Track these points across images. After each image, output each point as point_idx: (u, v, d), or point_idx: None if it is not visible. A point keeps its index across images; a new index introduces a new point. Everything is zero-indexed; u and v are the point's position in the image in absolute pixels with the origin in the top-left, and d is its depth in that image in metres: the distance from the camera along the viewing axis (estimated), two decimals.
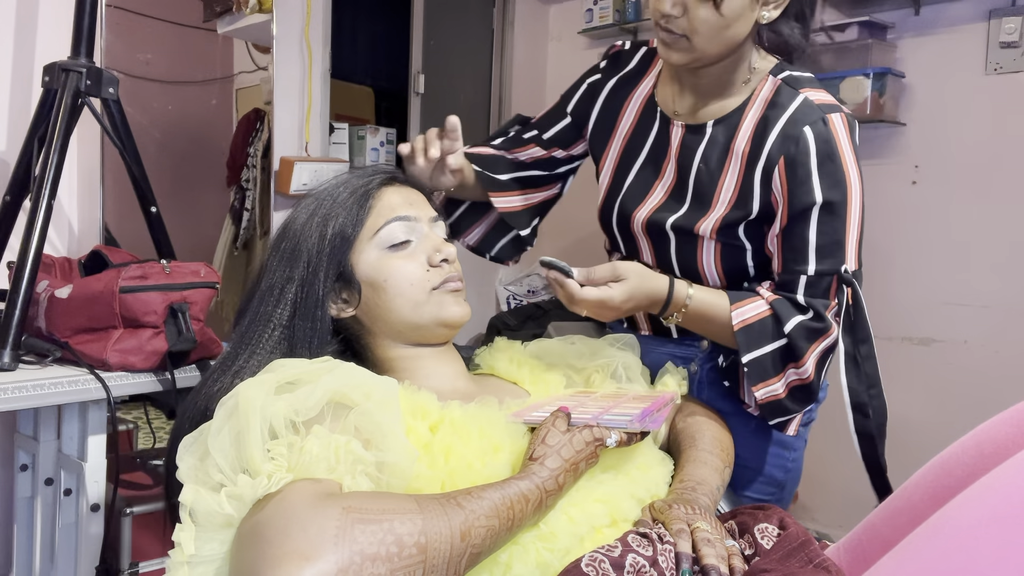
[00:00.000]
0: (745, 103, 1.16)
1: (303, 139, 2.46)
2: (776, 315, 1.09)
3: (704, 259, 1.20)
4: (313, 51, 2.45)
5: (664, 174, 1.23)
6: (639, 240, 1.26)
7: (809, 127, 1.09)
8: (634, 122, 1.27)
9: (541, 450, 0.81)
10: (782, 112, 1.11)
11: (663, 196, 1.22)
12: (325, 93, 2.55)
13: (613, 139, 1.29)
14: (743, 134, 1.14)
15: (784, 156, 1.09)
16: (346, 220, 0.98)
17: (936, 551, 0.64)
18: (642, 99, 1.27)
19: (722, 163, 1.16)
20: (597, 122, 1.31)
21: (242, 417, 0.73)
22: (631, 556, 0.73)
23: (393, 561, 0.65)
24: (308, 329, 0.96)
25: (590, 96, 1.32)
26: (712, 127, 1.18)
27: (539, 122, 1.37)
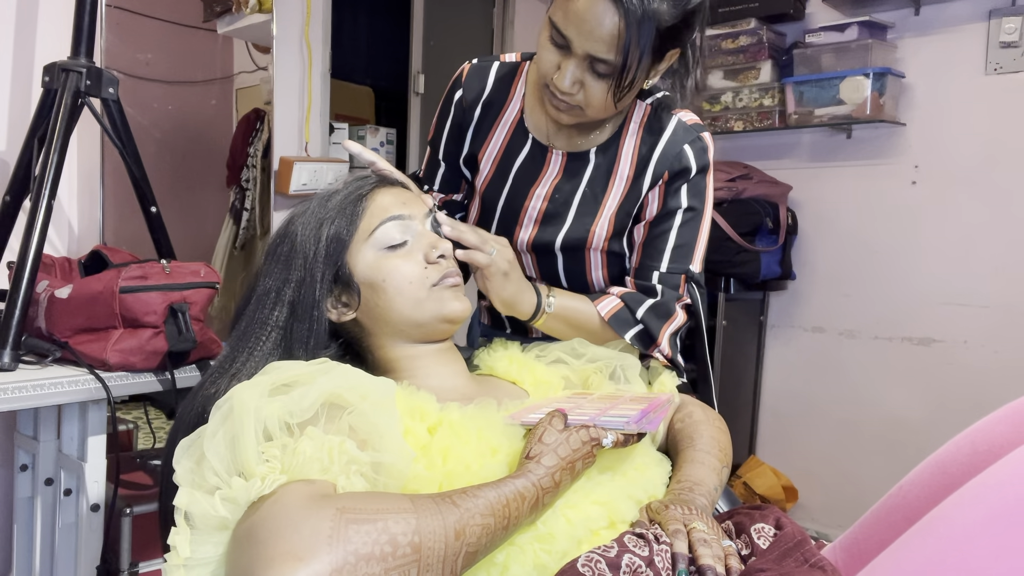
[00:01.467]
0: (620, 128, 1.23)
1: (303, 139, 2.46)
2: (627, 306, 1.20)
3: (593, 270, 1.26)
4: (313, 51, 2.45)
5: (534, 195, 1.24)
6: (522, 256, 1.29)
7: (688, 146, 1.19)
8: (503, 145, 1.27)
9: (538, 448, 0.81)
10: (661, 135, 1.20)
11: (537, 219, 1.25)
12: (325, 93, 2.55)
13: (482, 158, 1.28)
14: (625, 157, 1.22)
15: (668, 171, 1.19)
16: (341, 223, 0.99)
17: (932, 550, 0.64)
18: (511, 122, 1.27)
19: (606, 184, 1.22)
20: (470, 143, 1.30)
21: (237, 419, 0.74)
22: (627, 556, 0.73)
23: (387, 561, 0.65)
24: (305, 331, 0.96)
25: (456, 133, 1.30)
26: (595, 154, 1.23)
27: (425, 174, 1.37)
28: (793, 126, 2.69)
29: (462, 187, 1.36)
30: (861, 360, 2.72)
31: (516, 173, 1.26)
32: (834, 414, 2.78)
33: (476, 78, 1.28)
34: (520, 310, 1.14)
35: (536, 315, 1.15)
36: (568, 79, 1.08)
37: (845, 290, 2.75)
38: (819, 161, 2.79)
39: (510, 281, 1.11)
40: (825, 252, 2.79)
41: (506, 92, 1.27)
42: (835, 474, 2.77)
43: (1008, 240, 2.42)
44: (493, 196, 1.28)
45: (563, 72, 1.08)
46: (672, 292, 1.20)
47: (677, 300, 1.21)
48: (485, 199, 1.29)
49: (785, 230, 2.69)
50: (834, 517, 2.77)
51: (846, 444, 2.75)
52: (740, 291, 2.75)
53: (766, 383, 2.94)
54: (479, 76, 1.28)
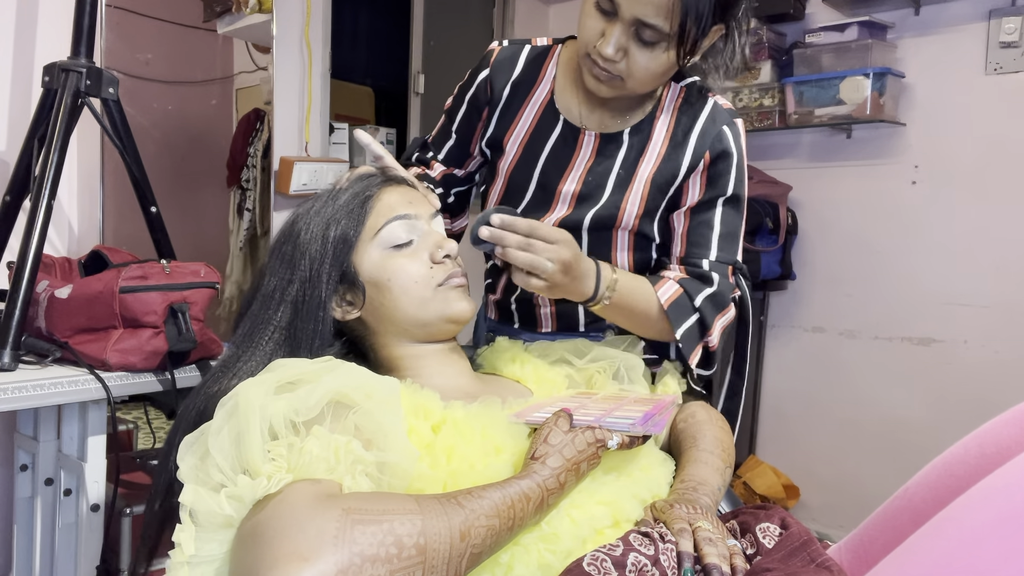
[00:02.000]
0: (654, 110, 1.22)
1: (303, 139, 2.46)
2: (687, 292, 1.16)
3: (618, 253, 1.24)
4: (313, 51, 2.45)
5: (567, 179, 1.23)
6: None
7: (727, 127, 1.18)
8: (532, 124, 1.25)
9: (543, 449, 0.81)
10: (698, 114, 1.20)
11: (571, 201, 1.23)
12: (325, 93, 2.55)
13: (508, 141, 1.26)
14: (657, 138, 1.21)
15: (710, 151, 1.18)
16: (347, 223, 0.98)
17: (939, 552, 0.64)
18: (540, 104, 1.25)
19: (636, 165, 1.21)
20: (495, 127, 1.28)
21: (242, 417, 0.73)
22: (633, 555, 0.73)
23: (392, 562, 0.64)
24: (310, 331, 0.96)
25: (475, 110, 1.30)
26: (628, 136, 1.22)
27: (434, 141, 1.36)
28: (793, 126, 2.69)
29: (466, 164, 1.35)
30: (861, 360, 2.72)
31: (548, 155, 1.24)
32: (834, 414, 2.78)
33: (506, 60, 1.27)
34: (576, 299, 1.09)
35: (594, 300, 1.10)
36: (612, 45, 1.06)
37: (845, 290, 2.76)
38: (819, 161, 2.79)
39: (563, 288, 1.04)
40: (825, 252, 2.79)
41: (536, 73, 1.26)
42: (835, 474, 2.77)
43: (1008, 240, 2.42)
44: (522, 178, 1.26)
45: (607, 38, 1.06)
46: (727, 282, 1.18)
47: (731, 291, 1.19)
48: (513, 180, 1.27)
49: (785, 230, 2.69)
50: (834, 517, 2.77)
51: (846, 444, 2.75)
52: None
53: (766, 383, 2.94)
54: (509, 58, 1.27)
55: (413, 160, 1.38)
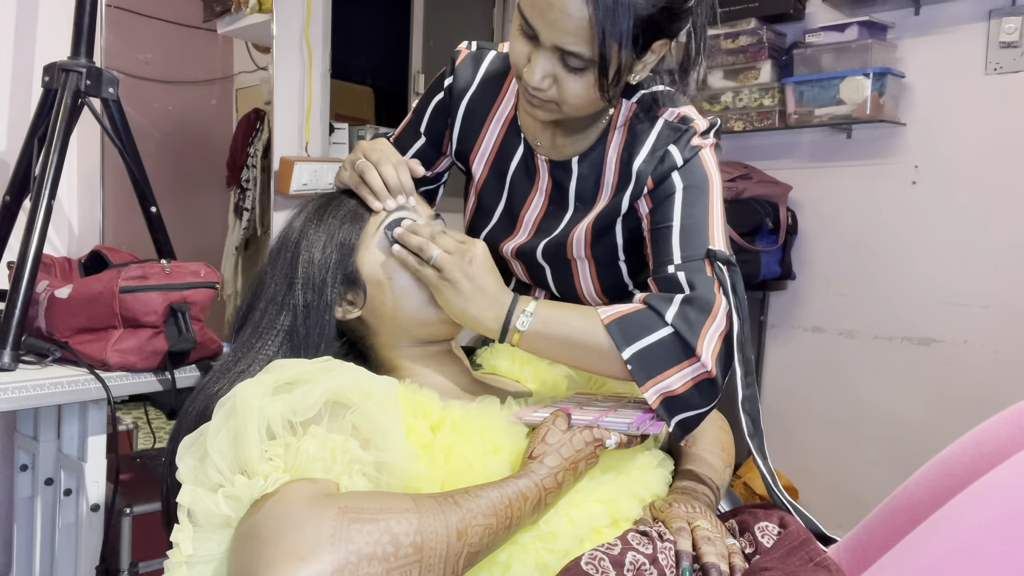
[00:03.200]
0: (605, 133, 1.12)
1: (303, 139, 2.46)
2: (652, 308, 0.98)
3: (582, 280, 1.18)
4: (313, 51, 2.45)
5: (530, 205, 1.18)
6: (511, 263, 1.25)
7: (673, 145, 1.07)
8: (496, 145, 1.20)
9: (541, 448, 0.81)
10: (644, 137, 1.09)
11: (531, 229, 1.19)
12: (325, 93, 2.55)
13: (474, 160, 1.22)
14: (609, 165, 1.12)
15: (651, 176, 1.07)
16: (350, 227, 0.99)
17: (937, 551, 0.64)
18: (504, 121, 1.19)
19: (594, 195, 1.14)
20: (459, 142, 1.23)
21: (240, 417, 0.74)
22: (631, 554, 0.73)
23: (389, 561, 0.65)
24: (316, 334, 0.96)
25: (441, 114, 1.24)
26: (577, 164, 1.14)
27: (398, 140, 1.29)
28: (793, 126, 2.68)
29: (435, 164, 1.29)
30: (861, 360, 2.72)
31: (512, 177, 1.19)
32: (834, 414, 2.78)
33: (468, 69, 1.21)
34: (482, 327, 0.97)
35: (504, 336, 0.97)
36: (538, 73, 0.97)
37: (845, 290, 2.75)
38: (819, 161, 2.79)
39: (460, 294, 0.95)
40: (825, 252, 2.79)
41: (497, 89, 1.19)
42: (834, 474, 2.77)
43: (1008, 240, 2.42)
44: (491, 201, 1.22)
45: (532, 65, 0.97)
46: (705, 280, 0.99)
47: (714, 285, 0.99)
48: (481, 202, 1.24)
49: (785, 230, 2.69)
50: (833, 517, 2.76)
51: (845, 444, 2.75)
52: None
53: (766, 383, 2.94)
54: (471, 67, 1.21)
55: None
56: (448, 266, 0.95)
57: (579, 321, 0.97)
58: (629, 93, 1.12)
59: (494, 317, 0.96)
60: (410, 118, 1.29)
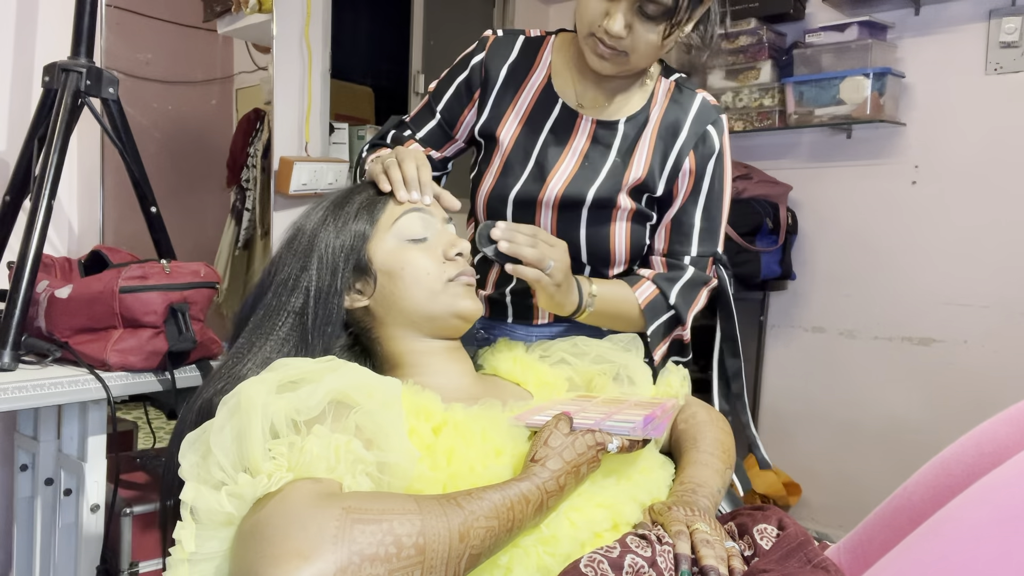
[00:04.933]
0: (648, 101, 1.27)
1: (303, 139, 2.46)
2: (662, 292, 1.24)
3: (617, 235, 1.27)
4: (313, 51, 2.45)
5: (566, 157, 1.26)
6: (542, 217, 1.27)
7: (712, 126, 1.24)
8: (530, 107, 1.28)
9: (543, 452, 0.81)
10: (687, 111, 1.25)
11: (567, 179, 1.25)
12: (325, 93, 2.55)
13: (503, 127, 1.28)
14: (650, 129, 1.25)
15: (693, 151, 1.24)
16: (366, 216, 1.01)
17: (937, 551, 0.64)
18: (537, 87, 1.28)
19: (631, 154, 1.25)
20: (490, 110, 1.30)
21: (244, 415, 0.74)
22: (630, 557, 0.73)
23: (391, 562, 0.65)
24: (323, 318, 0.97)
25: (463, 94, 1.31)
26: (624, 124, 1.26)
27: (413, 120, 1.36)
28: (793, 126, 2.69)
29: (444, 147, 1.36)
30: (861, 360, 2.72)
31: (546, 135, 1.26)
32: (834, 414, 2.78)
33: (502, 46, 1.30)
34: (564, 311, 1.14)
35: (578, 312, 1.15)
36: (619, 22, 1.10)
37: (845, 290, 2.76)
38: (819, 161, 2.79)
39: (560, 290, 1.08)
40: (825, 252, 2.79)
41: (532, 59, 1.30)
42: (835, 474, 2.77)
43: (1008, 240, 2.42)
44: (519, 156, 1.27)
45: (613, 16, 1.10)
46: (701, 274, 1.26)
47: (705, 284, 1.27)
48: (510, 160, 1.27)
49: (785, 230, 2.69)
50: (834, 517, 2.77)
51: (846, 444, 2.75)
52: (740, 291, 2.74)
53: (766, 383, 2.94)
54: (505, 44, 1.30)
55: (388, 139, 1.37)
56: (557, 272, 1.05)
57: (625, 305, 1.22)
58: (667, 73, 1.29)
59: (572, 302, 1.13)
60: (427, 99, 1.36)
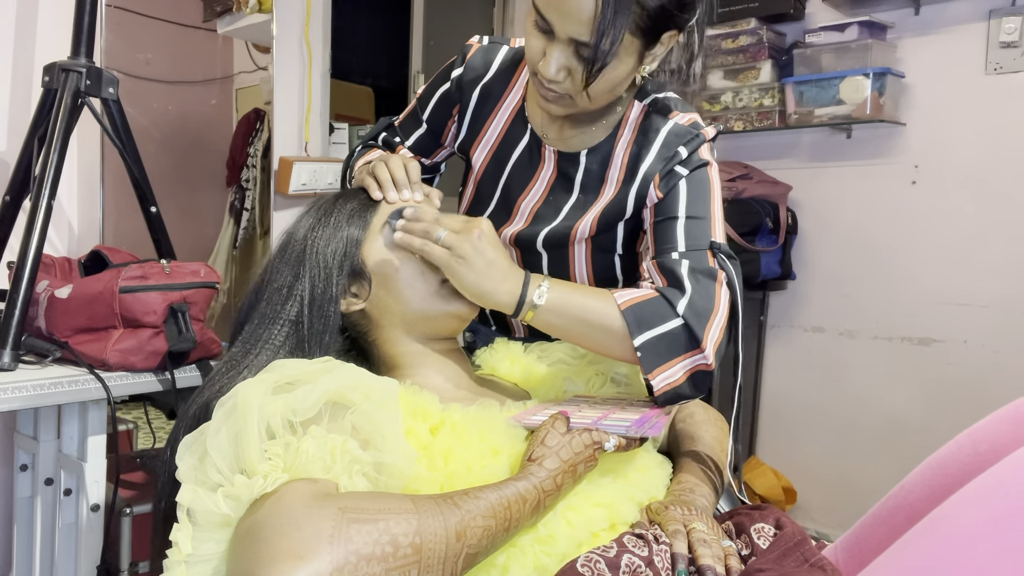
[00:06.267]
0: (615, 130, 1.16)
1: (303, 139, 2.46)
2: (665, 297, 1.00)
3: (576, 265, 1.21)
4: (313, 51, 2.45)
5: (532, 187, 1.21)
6: (508, 249, 1.25)
7: (683, 147, 1.10)
8: (502, 133, 1.23)
9: (540, 451, 0.81)
10: (655, 137, 1.13)
11: (528, 216, 1.21)
12: (325, 93, 2.55)
13: (476, 149, 1.25)
14: (616, 161, 1.15)
15: (659, 173, 1.11)
16: (359, 220, 1.00)
17: (934, 550, 0.64)
18: (511, 110, 1.22)
19: (598, 188, 1.17)
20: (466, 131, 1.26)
21: (240, 417, 0.74)
22: (627, 556, 0.73)
23: (388, 561, 0.65)
24: (320, 325, 0.96)
25: (444, 105, 1.28)
26: (585, 157, 1.17)
27: (402, 126, 1.34)
28: (793, 126, 2.68)
29: (434, 154, 1.33)
30: (861, 360, 2.72)
31: (513, 164, 1.22)
32: (834, 414, 2.78)
33: (480, 60, 1.24)
34: (496, 301, 0.97)
35: (519, 310, 0.98)
36: (553, 66, 1.00)
37: (845, 290, 2.75)
38: (819, 161, 2.79)
39: (473, 268, 0.95)
40: (825, 252, 2.79)
41: (507, 80, 1.23)
42: (834, 474, 2.77)
43: (1008, 240, 2.42)
44: (488, 188, 1.25)
45: (548, 59, 1.01)
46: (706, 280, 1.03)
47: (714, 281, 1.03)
48: (480, 189, 1.26)
49: (785, 230, 2.69)
50: (833, 517, 2.77)
51: (846, 443, 2.75)
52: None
53: (766, 383, 2.94)
54: (483, 58, 1.24)
55: (379, 141, 1.36)
56: (457, 243, 0.95)
57: (595, 301, 0.99)
58: (641, 95, 1.16)
59: (509, 291, 0.97)
60: (413, 105, 1.33)
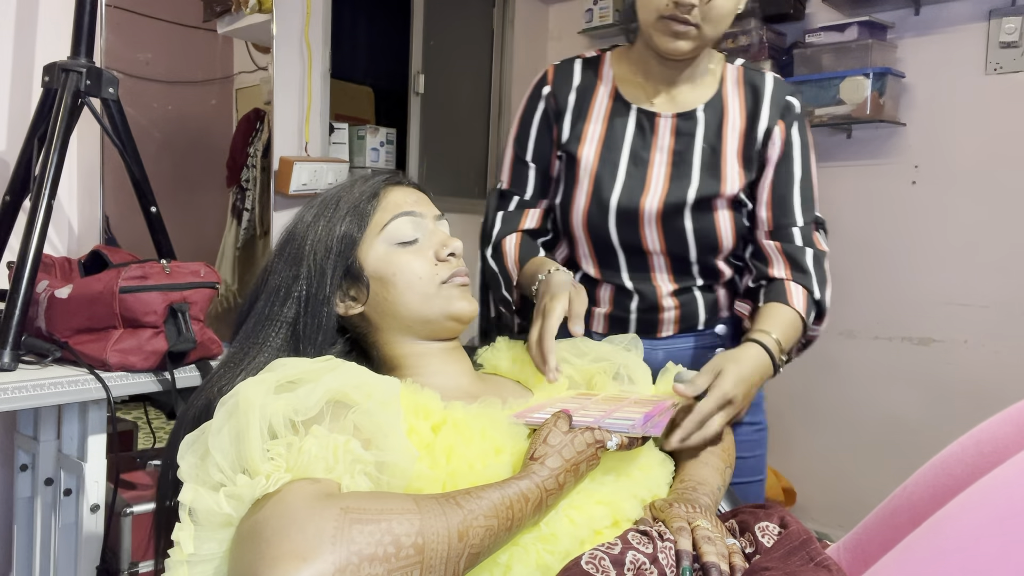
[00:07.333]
0: (720, 86, 1.30)
1: (303, 139, 2.46)
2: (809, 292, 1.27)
3: (722, 227, 1.28)
4: (313, 51, 2.45)
5: (654, 163, 1.27)
6: (646, 230, 1.27)
7: (791, 96, 1.28)
8: (605, 121, 1.30)
9: (542, 450, 0.81)
10: (763, 88, 1.28)
11: (664, 182, 1.26)
12: (325, 93, 2.55)
13: (584, 142, 1.29)
14: (732, 112, 1.28)
15: (782, 119, 1.27)
16: (353, 219, 0.99)
17: (937, 551, 0.64)
18: (607, 99, 1.31)
19: (720, 139, 1.27)
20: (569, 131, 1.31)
21: (242, 416, 0.73)
22: (631, 553, 0.73)
23: (390, 561, 0.65)
24: (314, 326, 0.96)
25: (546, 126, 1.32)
26: (702, 112, 1.28)
27: (513, 183, 1.36)
28: None
29: (551, 191, 1.35)
30: (861, 360, 2.72)
31: (630, 143, 1.28)
32: (834, 414, 2.78)
33: (563, 72, 1.34)
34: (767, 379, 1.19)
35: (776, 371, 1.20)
36: None
37: (845, 290, 2.75)
38: (819, 161, 2.77)
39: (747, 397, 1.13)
40: None
41: (594, 77, 1.32)
42: (834, 474, 2.77)
43: (1008, 240, 2.42)
44: (609, 167, 1.28)
45: None
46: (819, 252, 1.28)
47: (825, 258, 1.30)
48: (600, 175, 1.28)
49: None
50: (833, 517, 2.77)
51: (846, 444, 2.75)
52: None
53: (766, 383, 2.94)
54: (566, 71, 1.34)
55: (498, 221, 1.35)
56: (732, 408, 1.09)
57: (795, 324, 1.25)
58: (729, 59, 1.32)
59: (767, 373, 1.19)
60: (513, 154, 1.36)
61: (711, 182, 1.25)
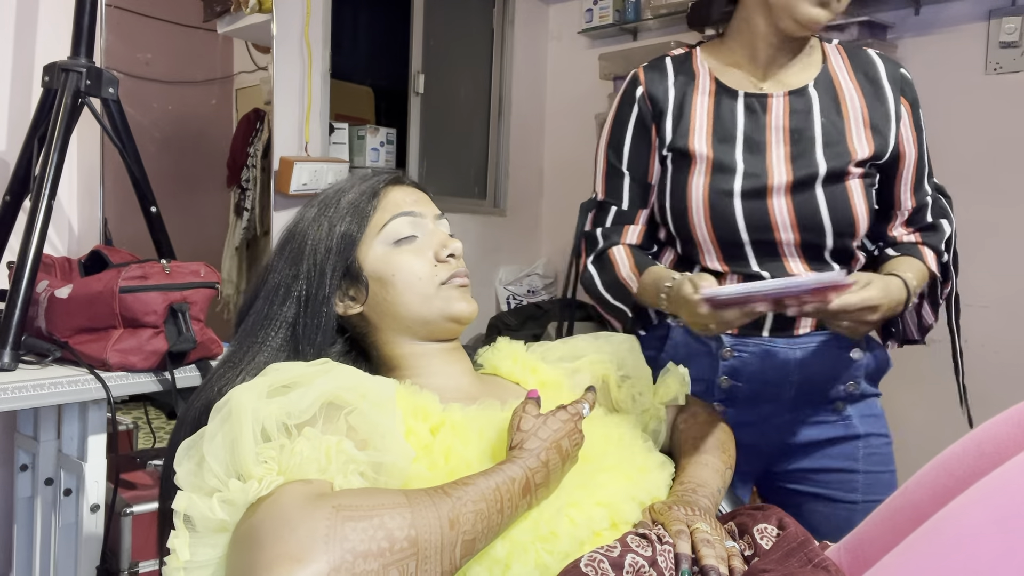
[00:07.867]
0: (824, 66, 1.28)
1: (303, 139, 2.46)
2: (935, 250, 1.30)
3: (856, 202, 1.23)
4: (313, 51, 2.46)
5: (770, 143, 1.24)
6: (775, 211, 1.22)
7: (904, 71, 1.28)
8: (710, 112, 1.26)
9: (518, 437, 0.83)
10: (872, 62, 1.28)
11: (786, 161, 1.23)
12: (325, 93, 2.55)
13: (693, 135, 1.25)
14: (845, 85, 1.27)
15: (904, 96, 1.26)
16: (353, 218, 0.99)
17: (938, 552, 0.64)
18: (708, 91, 1.28)
19: (839, 113, 1.25)
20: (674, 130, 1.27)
21: (235, 421, 0.74)
22: (630, 556, 0.73)
23: (385, 556, 0.65)
24: (314, 327, 0.96)
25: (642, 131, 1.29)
26: (814, 88, 1.26)
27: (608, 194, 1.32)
28: None
29: (648, 200, 1.31)
30: None
31: (743, 129, 1.25)
32: None
33: (655, 71, 1.30)
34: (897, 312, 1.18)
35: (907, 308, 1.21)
36: None
37: None
38: None
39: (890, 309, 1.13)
40: None
41: (690, 71, 1.30)
42: None
43: (1008, 240, 2.42)
44: (727, 159, 1.23)
45: None
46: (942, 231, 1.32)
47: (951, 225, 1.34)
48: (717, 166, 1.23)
49: None
50: None
51: None
52: None
53: None
54: (658, 69, 1.30)
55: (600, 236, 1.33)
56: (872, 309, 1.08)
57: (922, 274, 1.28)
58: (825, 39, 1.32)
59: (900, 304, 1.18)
60: (606, 162, 1.32)
61: (840, 152, 1.22)
